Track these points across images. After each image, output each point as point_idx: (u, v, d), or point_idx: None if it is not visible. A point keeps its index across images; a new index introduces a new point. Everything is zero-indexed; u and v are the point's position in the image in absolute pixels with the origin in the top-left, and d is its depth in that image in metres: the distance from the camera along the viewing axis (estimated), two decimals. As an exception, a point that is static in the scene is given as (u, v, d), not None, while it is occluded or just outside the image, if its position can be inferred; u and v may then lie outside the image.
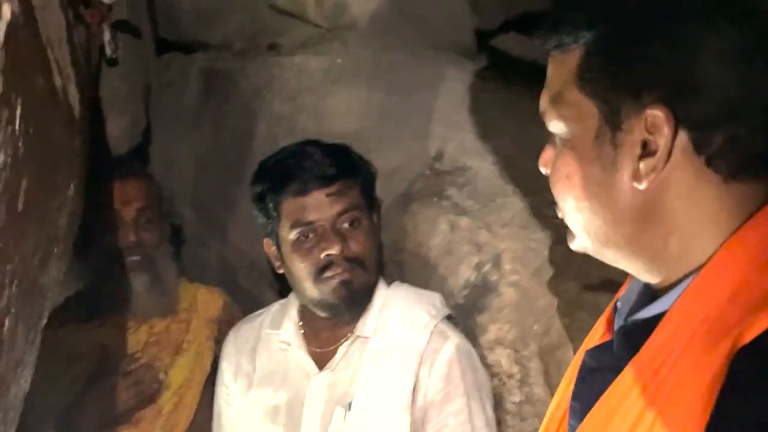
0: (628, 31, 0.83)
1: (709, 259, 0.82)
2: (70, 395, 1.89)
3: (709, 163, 0.81)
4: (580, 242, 0.92)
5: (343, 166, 1.65)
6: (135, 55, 2.18)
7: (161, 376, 1.95)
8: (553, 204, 0.93)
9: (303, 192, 1.62)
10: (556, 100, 0.89)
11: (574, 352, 1.54)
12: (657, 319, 0.84)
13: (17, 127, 0.93)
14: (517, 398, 1.65)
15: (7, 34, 0.88)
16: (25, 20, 1.00)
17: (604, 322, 1.01)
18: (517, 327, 1.66)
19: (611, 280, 1.00)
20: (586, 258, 0.95)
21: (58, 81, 1.26)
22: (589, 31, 0.85)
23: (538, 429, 1.60)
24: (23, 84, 0.97)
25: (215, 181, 2.24)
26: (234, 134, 2.20)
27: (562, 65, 0.89)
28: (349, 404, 1.61)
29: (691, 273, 0.83)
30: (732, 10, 0.82)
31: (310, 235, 1.62)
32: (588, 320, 1.56)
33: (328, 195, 1.62)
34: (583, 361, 0.97)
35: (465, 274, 1.73)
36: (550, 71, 0.92)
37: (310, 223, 1.62)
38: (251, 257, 2.18)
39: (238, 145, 2.18)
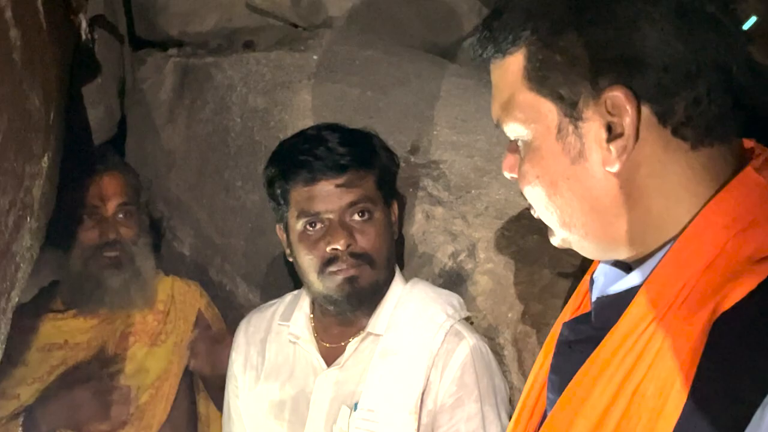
0: (567, 21, 0.83)
1: (685, 228, 0.82)
2: (44, 386, 1.86)
3: (675, 132, 0.82)
4: (561, 236, 0.91)
5: (358, 155, 1.57)
6: (109, 49, 2.17)
7: (132, 398, 1.90)
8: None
9: (311, 181, 1.54)
10: (508, 106, 0.88)
11: (548, 339, 1.55)
12: (635, 290, 0.84)
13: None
14: (490, 385, 1.64)
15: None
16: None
17: (581, 296, 1.01)
18: (491, 315, 1.65)
19: (584, 267, 1.00)
20: (560, 246, 0.94)
21: (34, 54, 1.25)
22: (527, 29, 0.85)
23: (511, 415, 1.62)
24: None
25: (189, 174, 2.23)
26: (208, 128, 2.20)
27: (506, 70, 0.88)
28: (356, 404, 1.53)
29: (666, 243, 0.83)
30: None
31: (318, 227, 1.55)
32: (561, 307, 1.57)
33: (337, 185, 1.54)
34: (561, 334, 0.97)
35: (440, 262, 1.73)
36: (495, 78, 0.90)
37: (317, 214, 1.54)
38: (224, 251, 2.17)
39: (212, 139, 2.18)
